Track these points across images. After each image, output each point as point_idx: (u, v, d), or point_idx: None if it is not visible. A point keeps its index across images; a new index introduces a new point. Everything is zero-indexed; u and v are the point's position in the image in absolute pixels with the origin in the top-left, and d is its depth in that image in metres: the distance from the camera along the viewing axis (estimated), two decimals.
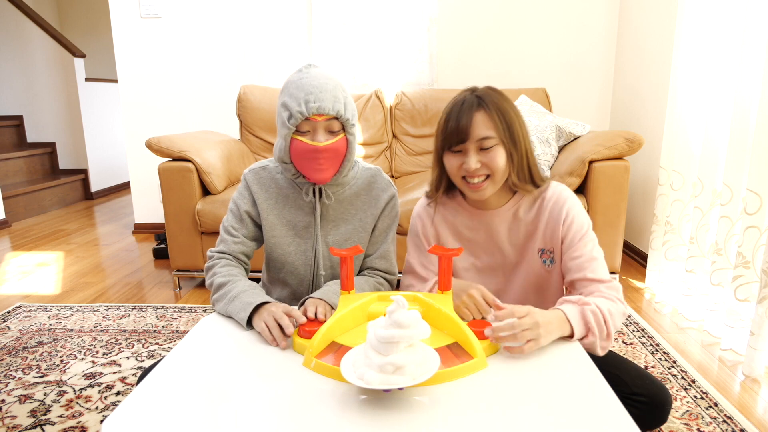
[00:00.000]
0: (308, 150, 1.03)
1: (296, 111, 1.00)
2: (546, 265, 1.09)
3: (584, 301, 0.93)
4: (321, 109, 1.00)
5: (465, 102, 1.01)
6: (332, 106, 1.01)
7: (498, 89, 1.05)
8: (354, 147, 1.09)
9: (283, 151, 1.06)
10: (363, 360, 0.72)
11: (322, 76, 1.03)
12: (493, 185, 1.03)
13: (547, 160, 2.25)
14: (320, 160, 1.04)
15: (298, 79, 1.03)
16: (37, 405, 1.43)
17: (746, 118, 1.62)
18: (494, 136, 0.99)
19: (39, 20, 4.32)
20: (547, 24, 2.90)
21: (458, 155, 1.02)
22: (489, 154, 1.00)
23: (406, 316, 0.70)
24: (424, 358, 0.72)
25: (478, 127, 0.99)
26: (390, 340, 0.69)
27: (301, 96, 1.01)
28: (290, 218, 1.17)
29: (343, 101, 1.03)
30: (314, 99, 1.00)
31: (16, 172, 4.09)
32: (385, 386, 0.68)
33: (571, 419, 0.68)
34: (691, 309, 1.93)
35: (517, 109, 1.04)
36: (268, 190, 1.16)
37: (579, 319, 0.91)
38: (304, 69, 1.05)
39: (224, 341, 0.93)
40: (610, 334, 0.92)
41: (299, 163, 1.06)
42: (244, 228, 1.17)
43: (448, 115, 1.02)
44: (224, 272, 1.11)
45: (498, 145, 1.00)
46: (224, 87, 3.05)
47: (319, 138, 1.03)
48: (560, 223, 1.05)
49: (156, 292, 2.31)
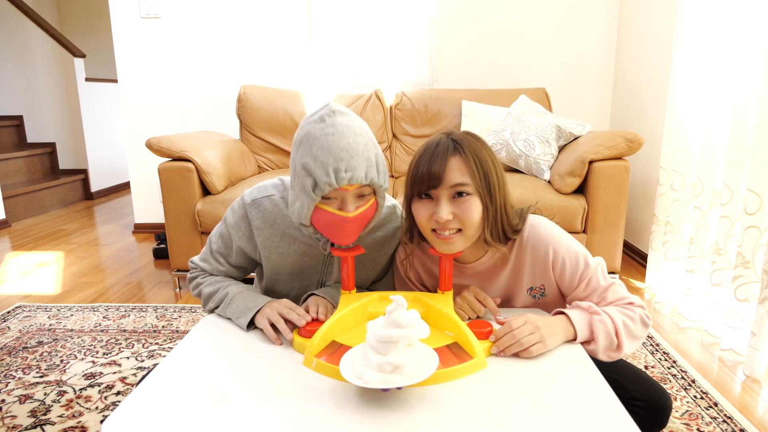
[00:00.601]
0: (336, 220, 0.89)
1: (324, 182, 0.84)
2: (537, 299, 1.04)
3: (594, 310, 0.90)
4: (353, 180, 0.85)
5: (439, 145, 0.90)
6: (365, 174, 0.87)
7: (476, 135, 0.94)
8: (383, 205, 0.97)
9: (304, 217, 0.91)
10: (362, 359, 0.72)
11: (350, 132, 0.86)
12: (465, 240, 0.92)
13: (547, 160, 2.25)
14: (347, 229, 0.91)
15: (322, 134, 0.86)
16: (37, 405, 1.43)
17: (746, 118, 1.62)
18: (470, 183, 0.88)
19: (39, 20, 4.32)
20: (547, 24, 2.90)
21: (429, 203, 0.91)
22: (463, 205, 0.89)
23: (405, 315, 0.70)
24: (423, 358, 0.72)
25: (453, 172, 0.88)
26: (389, 340, 0.69)
27: (329, 162, 0.84)
28: (296, 258, 1.06)
29: (375, 163, 0.89)
30: (345, 167, 0.84)
31: (16, 172, 4.09)
32: (384, 386, 0.68)
33: (571, 420, 0.68)
34: (691, 309, 1.93)
35: (496, 158, 0.94)
36: (273, 226, 1.03)
37: (585, 325, 0.88)
38: (327, 118, 0.87)
39: (224, 341, 0.93)
40: (621, 345, 0.88)
41: (322, 229, 0.93)
42: (231, 258, 1.09)
43: (420, 159, 0.91)
44: (210, 281, 1.07)
45: (473, 196, 0.89)
46: (224, 87, 3.05)
47: (348, 208, 0.88)
48: (548, 268, 0.97)
49: (156, 292, 2.31)
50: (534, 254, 0.98)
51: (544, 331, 0.84)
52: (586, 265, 0.96)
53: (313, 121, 0.88)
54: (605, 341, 0.87)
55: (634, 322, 0.90)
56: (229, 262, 1.09)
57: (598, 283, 0.95)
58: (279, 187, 1.05)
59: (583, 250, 0.97)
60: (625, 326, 0.89)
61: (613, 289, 0.95)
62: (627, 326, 0.89)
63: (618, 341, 0.88)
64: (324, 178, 0.84)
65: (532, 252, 0.98)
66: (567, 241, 0.97)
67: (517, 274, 1.01)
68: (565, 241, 0.97)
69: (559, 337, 0.86)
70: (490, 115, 2.52)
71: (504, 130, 2.36)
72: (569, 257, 0.96)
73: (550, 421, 0.68)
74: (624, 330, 0.88)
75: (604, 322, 0.88)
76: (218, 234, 1.09)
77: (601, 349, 0.87)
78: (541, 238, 0.97)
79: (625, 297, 0.95)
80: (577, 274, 0.96)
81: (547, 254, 0.96)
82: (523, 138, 2.29)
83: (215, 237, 1.09)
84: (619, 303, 0.93)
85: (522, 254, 0.99)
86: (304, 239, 1.04)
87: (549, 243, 0.96)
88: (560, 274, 0.97)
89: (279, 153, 2.71)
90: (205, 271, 1.10)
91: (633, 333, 0.90)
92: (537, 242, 0.97)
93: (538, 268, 0.99)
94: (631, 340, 0.89)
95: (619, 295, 0.95)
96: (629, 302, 0.93)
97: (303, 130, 0.89)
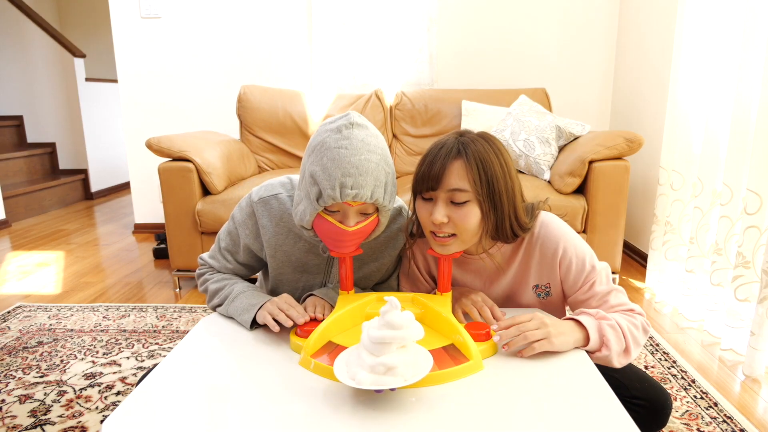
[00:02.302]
0: (335, 231, 0.89)
1: (328, 195, 0.84)
2: (542, 298, 1.03)
3: (602, 315, 0.88)
4: (358, 197, 0.85)
5: (445, 146, 0.89)
6: (371, 193, 0.86)
7: (491, 137, 0.92)
8: (385, 223, 0.96)
9: (305, 222, 0.92)
10: (356, 360, 0.72)
11: (365, 149, 0.85)
12: (460, 244, 0.92)
13: (547, 160, 2.25)
14: (345, 240, 0.91)
15: (336, 146, 0.85)
16: (37, 405, 1.43)
17: (746, 118, 1.62)
18: (468, 190, 0.87)
19: (39, 20, 4.32)
20: (547, 24, 2.89)
21: (428, 204, 0.91)
22: (459, 211, 0.88)
23: (398, 317, 0.70)
24: (416, 360, 0.72)
25: (452, 176, 0.87)
26: (382, 341, 0.69)
27: (337, 176, 0.83)
28: (300, 256, 1.07)
29: (384, 183, 0.88)
30: (352, 184, 0.84)
31: (16, 172, 4.09)
32: (376, 387, 0.68)
33: (571, 420, 0.68)
34: (691, 309, 1.93)
35: (508, 162, 0.91)
36: (279, 224, 1.04)
37: (595, 330, 0.86)
38: (344, 130, 0.86)
39: (224, 341, 0.93)
40: (629, 349, 0.87)
41: (321, 236, 0.93)
42: (239, 255, 1.10)
43: (425, 158, 0.91)
44: (217, 278, 1.08)
45: (471, 203, 0.88)
46: (224, 87, 3.05)
47: (348, 222, 0.89)
48: (556, 266, 0.97)
49: (156, 292, 2.31)
50: (543, 251, 0.97)
51: (551, 329, 0.82)
52: (593, 268, 0.96)
53: (330, 130, 0.87)
54: (617, 347, 0.85)
55: (638, 329, 0.89)
56: (237, 259, 1.10)
57: (601, 287, 0.95)
58: (287, 185, 1.06)
59: (591, 253, 0.97)
60: (631, 332, 0.88)
61: (615, 295, 0.95)
62: (632, 332, 0.88)
63: (627, 346, 0.87)
64: (329, 191, 0.84)
65: (542, 249, 0.97)
66: (577, 241, 0.97)
67: (524, 269, 1.01)
68: (575, 240, 0.97)
69: (568, 339, 0.84)
70: (490, 115, 2.52)
71: (504, 130, 2.36)
72: (577, 257, 0.95)
73: (550, 422, 0.67)
74: (630, 336, 0.88)
75: (614, 327, 0.86)
76: (226, 231, 1.10)
77: (614, 355, 0.85)
78: (552, 235, 0.96)
79: (626, 303, 0.94)
80: (582, 275, 0.95)
81: (556, 251, 0.96)
82: (523, 138, 2.29)
83: (224, 234, 1.10)
84: (619, 309, 0.93)
85: (531, 250, 0.98)
86: (308, 237, 1.04)
87: (560, 240, 0.96)
88: (566, 272, 0.97)
89: (279, 153, 2.71)
90: (213, 268, 1.11)
91: (637, 340, 0.89)
92: (547, 239, 0.96)
93: (546, 265, 0.98)
94: (636, 346, 0.89)
95: (620, 301, 0.94)
96: (630, 309, 0.93)
97: (319, 137, 0.89)
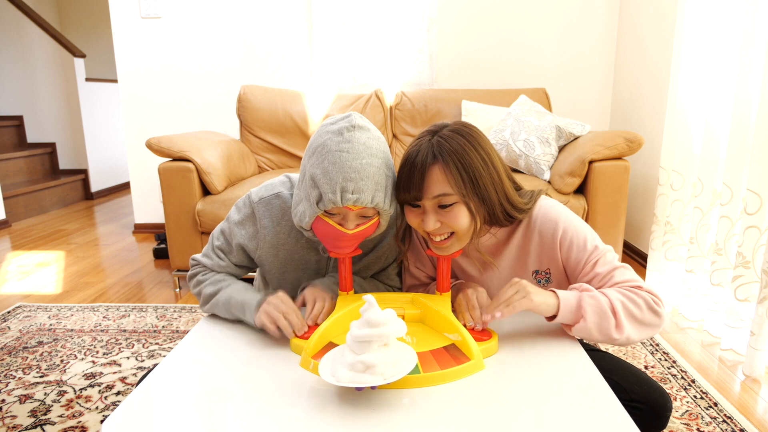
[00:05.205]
0: (334, 233, 0.89)
1: (329, 199, 0.84)
2: (542, 285, 1.01)
3: (586, 288, 0.87)
4: (359, 202, 0.84)
5: (420, 152, 0.87)
6: (372, 198, 0.85)
7: (466, 130, 0.90)
8: (385, 226, 0.95)
9: (305, 223, 0.92)
10: (339, 358, 0.73)
11: (366, 152, 0.85)
12: (459, 242, 0.92)
13: (547, 160, 2.25)
14: (344, 243, 0.91)
15: (337, 149, 0.84)
16: (37, 405, 1.43)
17: (746, 118, 1.62)
18: (452, 193, 0.86)
19: (39, 20, 4.32)
20: (547, 24, 2.89)
21: (417, 211, 0.91)
22: (449, 214, 0.88)
23: (377, 315, 0.70)
24: (398, 358, 0.72)
25: (433, 184, 0.86)
26: (362, 339, 0.70)
27: (338, 180, 0.83)
28: (303, 254, 1.07)
29: (384, 187, 0.87)
30: (353, 189, 0.83)
31: (16, 172, 4.09)
32: (355, 384, 0.68)
33: (571, 421, 0.68)
34: (691, 309, 1.93)
35: (489, 152, 0.90)
36: (281, 222, 1.04)
37: (572, 299, 0.85)
38: (345, 132, 0.85)
39: (224, 341, 0.93)
40: (620, 325, 0.84)
41: (320, 237, 0.93)
42: (232, 255, 1.08)
43: (401, 168, 0.90)
44: (210, 280, 1.06)
45: (458, 204, 0.88)
46: (224, 87, 3.05)
47: (348, 225, 0.88)
48: (556, 248, 0.95)
49: (156, 292, 2.31)
50: (542, 233, 0.96)
51: (528, 287, 0.85)
52: (595, 248, 0.93)
53: (332, 132, 0.86)
54: (596, 317, 0.83)
55: (638, 306, 0.85)
56: (230, 259, 1.10)
57: (604, 266, 0.92)
58: (286, 184, 1.06)
59: (593, 234, 0.95)
60: (624, 306, 0.84)
61: (621, 272, 0.91)
62: (627, 307, 0.85)
63: (616, 320, 0.83)
64: (330, 195, 0.84)
65: (541, 231, 0.96)
66: (577, 222, 0.95)
67: (523, 254, 1.00)
68: (575, 222, 0.95)
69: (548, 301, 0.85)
70: (490, 115, 2.52)
71: (504, 130, 2.36)
72: (577, 237, 0.93)
73: (550, 422, 0.67)
74: (623, 310, 0.84)
75: (595, 297, 0.84)
76: (220, 231, 1.10)
77: (593, 326, 0.84)
78: (550, 216, 0.95)
79: (632, 280, 0.90)
80: (584, 254, 0.93)
81: (555, 233, 0.94)
82: (523, 138, 2.29)
83: (217, 233, 1.10)
84: (623, 285, 0.89)
85: (530, 233, 0.97)
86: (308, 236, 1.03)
87: (558, 221, 0.94)
88: (567, 253, 0.95)
89: (279, 153, 2.71)
90: (206, 267, 1.11)
91: (636, 316, 0.85)
92: (546, 220, 0.95)
93: (546, 248, 0.96)
94: (633, 323, 0.85)
95: (626, 278, 0.90)
96: (636, 286, 0.88)
97: (320, 138, 0.88)
